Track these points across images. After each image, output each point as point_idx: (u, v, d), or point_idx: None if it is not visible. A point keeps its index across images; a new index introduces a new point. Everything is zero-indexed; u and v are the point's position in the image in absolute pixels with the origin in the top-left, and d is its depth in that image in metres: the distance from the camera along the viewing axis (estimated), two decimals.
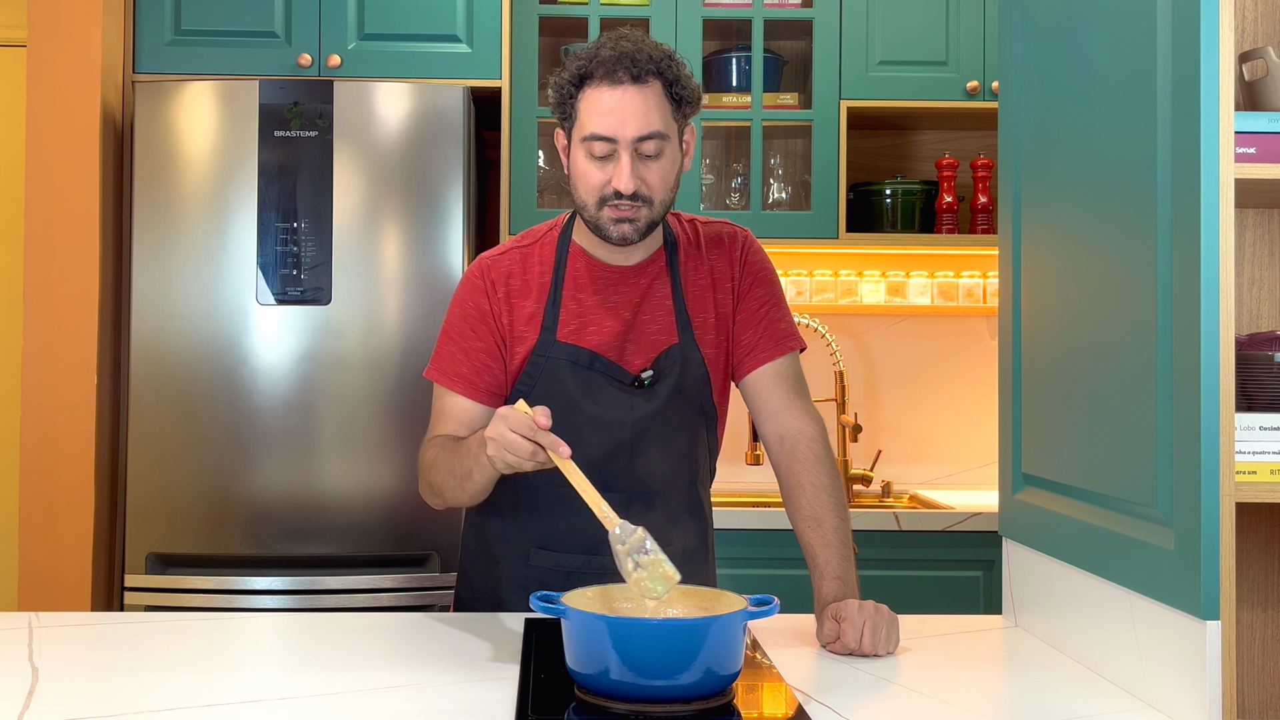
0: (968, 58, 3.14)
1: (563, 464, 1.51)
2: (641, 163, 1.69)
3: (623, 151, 1.68)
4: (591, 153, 1.70)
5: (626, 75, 1.67)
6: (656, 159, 1.70)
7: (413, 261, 2.78)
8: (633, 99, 1.67)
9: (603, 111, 1.68)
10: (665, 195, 1.73)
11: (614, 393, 1.78)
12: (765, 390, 1.83)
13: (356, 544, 2.74)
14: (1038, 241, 1.71)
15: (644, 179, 1.70)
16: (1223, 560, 1.25)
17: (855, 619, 1.54)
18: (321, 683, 1.40)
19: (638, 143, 1.68)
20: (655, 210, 1.73)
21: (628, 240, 1.73)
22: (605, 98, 1.68)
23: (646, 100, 1.68)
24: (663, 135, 1.69)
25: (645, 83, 1.68)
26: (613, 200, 1.70)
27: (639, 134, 1.67)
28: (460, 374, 1.80)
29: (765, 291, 1.86)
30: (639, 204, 1.70)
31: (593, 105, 1.69)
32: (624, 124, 1.67)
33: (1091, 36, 1.53)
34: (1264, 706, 1.67)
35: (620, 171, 1.68)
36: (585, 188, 1.72)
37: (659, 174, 1.71)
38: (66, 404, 2.75)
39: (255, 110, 2.76)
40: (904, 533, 2.84)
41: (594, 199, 1.71)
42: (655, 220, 1.74)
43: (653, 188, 1.71)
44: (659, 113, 1.69)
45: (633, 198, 1.69)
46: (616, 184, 1.68)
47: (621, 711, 1.27)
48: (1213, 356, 1.25)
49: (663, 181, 1.72)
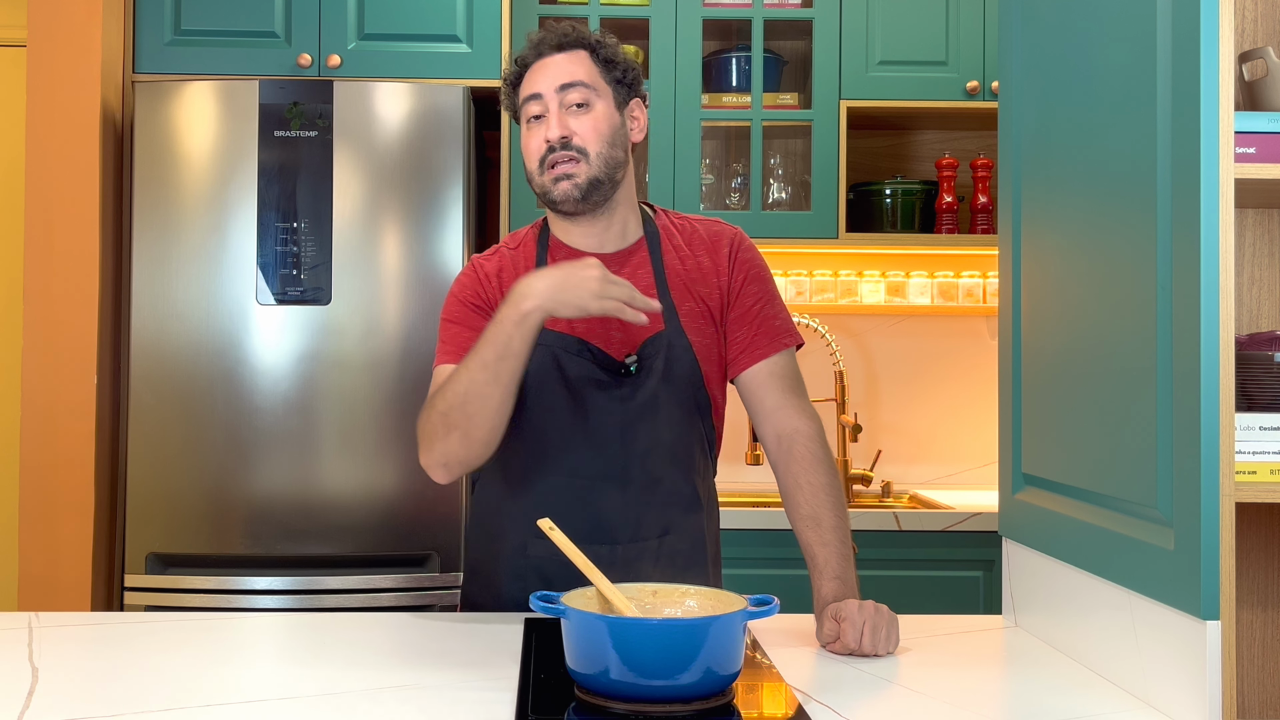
0: (968, 58, 3.14)
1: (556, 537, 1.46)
2: (569, 113, 1.77)
3: (550, 104, 1.77)
4: (527, 117, 1.79)
5: (550, 48, 1.80)
6: (586, 110, 1.77)
7: (413, 261, 2.78)
8: (556, 61, 1.79)
9: (531, 79, 1.80)
10: (600, 148, 1.77)
11: (603, 380, 1.78)
12: (761, 389, 1.83)
13: (356, 544, 2.74)
14: (1038, 241, 1.71)
15: (572, 128, 1.76)
16: (1223, 560, 1.25)
17: (855, 619, 1.54)
18: (321, 683, 1.40)
19: (562, 93, 1.76)
20: (594, 165, 1.76)
21: (570, 198, 1.76)
22: (534, 69, 1.80)
23: (570, 60, 1.79)
24: (586, 85, 1.77)
25: (569, 50, 1.80)
26: (547, 157, 1.76)
27: (561, 82, 1.76)
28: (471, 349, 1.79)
29: (758, 289, 1.86)
30: (574, 155, 1.75)
31: (527, 79, 1.80)
32: (547, 78, 1.77)
33: (1091, 36, 1.53)
34: (1264, 706, 1.67)
35: (548, 121, 1.76)
36: (528, 155, 1.80)
37: (590, 124, 1.77)
38: (66, 404, 2.75)
39: (255, 110, 2.76)
40: (904, 533, 2.84)
41: (535, 164, 1.78)
42: (597, 177, 1.77)
43: (584, 138, 1.76)
44: (583, 68, 1.79)
45: (565, 147, 1.75)
46: (548, 134, 1.75)
47: (621, 711, 1.27)
48: (1213, 356, 1.25)
49: (594, 133, 1.77)
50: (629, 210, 1.85)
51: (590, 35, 1.81)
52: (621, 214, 1.84)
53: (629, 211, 1.85)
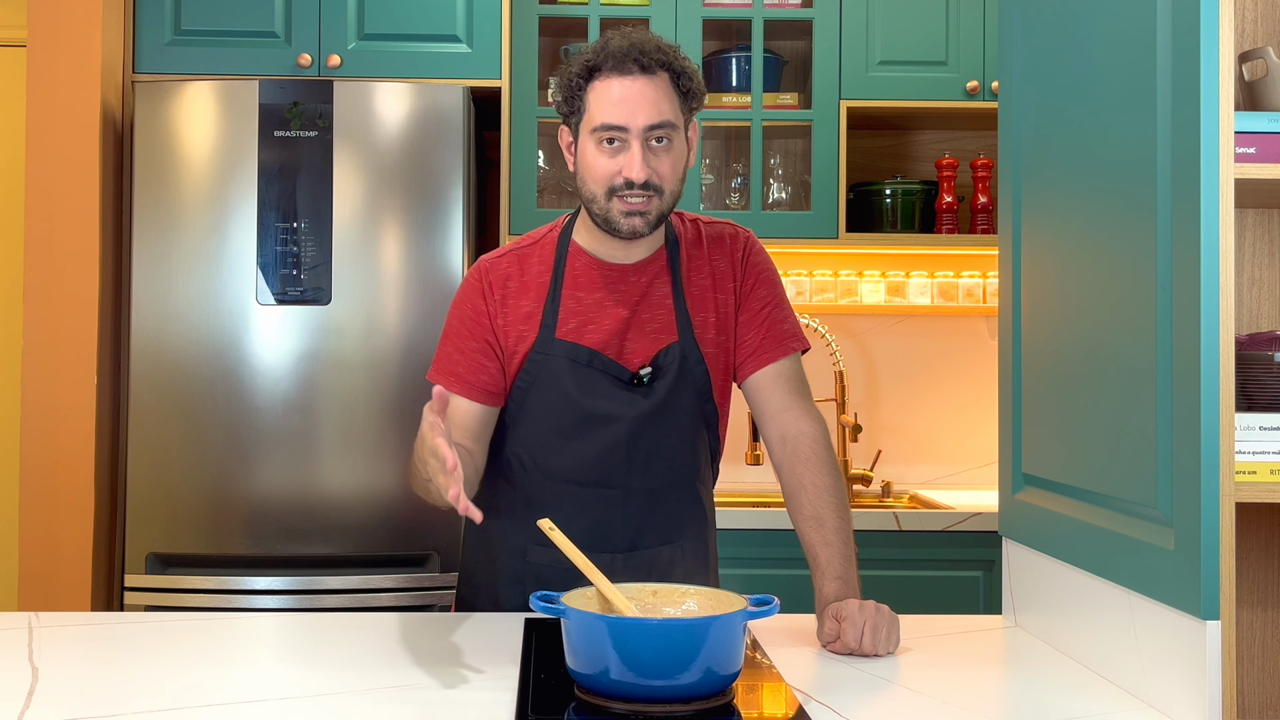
0: (968, 58, 3.14)
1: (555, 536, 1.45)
2: (652, 152, 1.71)
3: (634, 140, 1.69)
4: (602, 143, 1.71)
5: (635, 66, 1.69)
6: (667, 149, 1.72)
7: (413, 261, 2.78)
8: (643, 88, 1.69)
9: (613, 101, 1.69)
10: (675, 186, 1.74)
11: (612, 390, 1.78)
12: (767, 391, 1.83)
13: (356, 544, 2.74)
14: (1038, 241, 1.71)
15: (655, 169, 1.71)
16: (1223, 560, 1.25)
17: (856, 619, 1.54)
18: (321, 683, 1.40)
19: (648, 131, 1.69)
20: (665, 202, 1.74)
21: (638, 233, 1.73)
22: (615, 88, 1.69)
23: (656, 90, 1.70)
24: (672, 125, 1.71)
25: (654, 74, 1.70)
26: (622, 191, 1.71)
27: (650, 123, 1.69)
28: (457, 373, 1.80)
29: (768, 292, 1.86)
30: (650, 194, 1.71)
31: (603, 96, 1.70)
32: (635, 113, 1.69)
33: (1091, 37, 1.53)
34: (1264, 706, 1.67)
35: (632, 160, 1.69)
36: (595, 179, 1.72)
37: (669, 164, 1.72)
38: (66, 404, 2.74)
39: (255, 110, 2.76)
40: (904, 533, 2.84)
41: (603, 190, 1.72)
42: (664, 212, 1.75)
43: (664, 178, 1.72)
44: (669, 103, 1.71)
45: (644, 187, 1.70)
46: (628, 173, 1.69)
47: (621, 711, 1.27)
48: (1213, 356, 1.25)
49: (673, 172, 1.73)
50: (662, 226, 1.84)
51: (674, 58, 1.72)
52: (657, 232, 1.82)
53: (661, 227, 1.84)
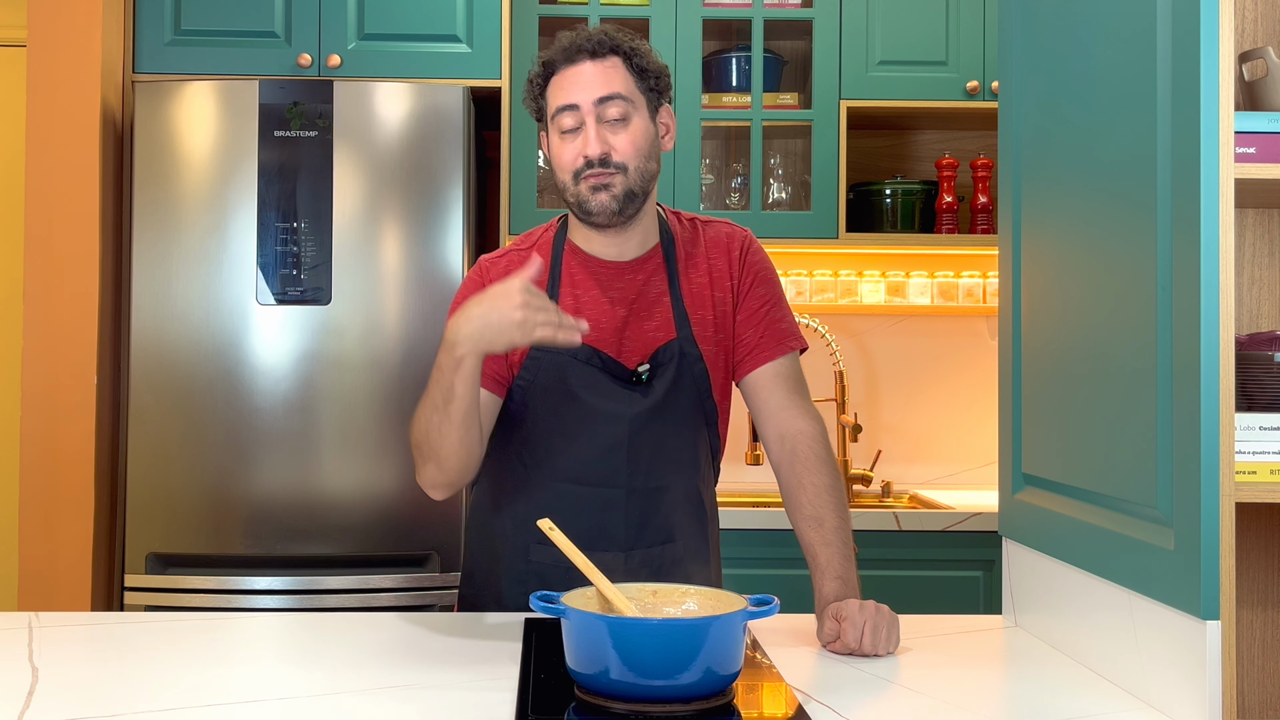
0: (968, 58, 3.14)
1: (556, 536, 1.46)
2: (607, 128, 1.74)
3: (586, 117, 1.73)
4: (561, 129, 1.75)
5: (584, 54, 1.75)
6: (623, 124, 1.74)
7: (413, 261, 2.78)
8: (592, 69, 1.75)
9: (564, 86, 1.75)
10: (638, 163, 1.75)
11: (612, 388, 1.78)
12: (766, 390, 1.83)
13: (356, 544, 2.74)
14: (1038, 241, 1.71)
15: (611, 144, 1.73)
16: (1223, 560, 1.25)
17: (855, 619, 1.54)
18: (321, 683, 1.40)
19: (599, 106, 1.73)
20: (631, 178, 1.74)
21: (608, 210, 1.74)
22: (567, 75, 1.75)
23: (606, 70, 1.75)
24: (624, 98, 1.74)
25: (603, 57, 1.75)
26: (584, 172, 1.73)
27: (599, 95, 1.73)
28: None
29: (766, 291, 1.86)
30: (612, 170, 1.73)
31: (557, 86, 1.76)
32: (584, 89, 1.73)
33: (1091, 36, 1.53)
34: (1264, 706, 1.67)
35: (587, 137, 1.73)
36: (561, 167, 1.76)
37: (628, 139, 1.74)
38: (66, 404, 2.74)
39: (255, 110, 2.76)
40: (904, 533, 2.84)
41: (570, 175, 1.75)
42: (633, 189, 1.75)
43: (622, 153, 1.74)
44: (620, 79, 1.75)
45: (603, 164, 1.72)
46: (584, 150, 1.72)
47: (621, 711, 1.27)
48: (1213, 356, 1.25)
49: (633, 147, 1.74)
50: (650, 218, 1.84)
51: (624, 41, 1.76)
52: (645, 223, 1.82)
53: (650, 219, 1.84)
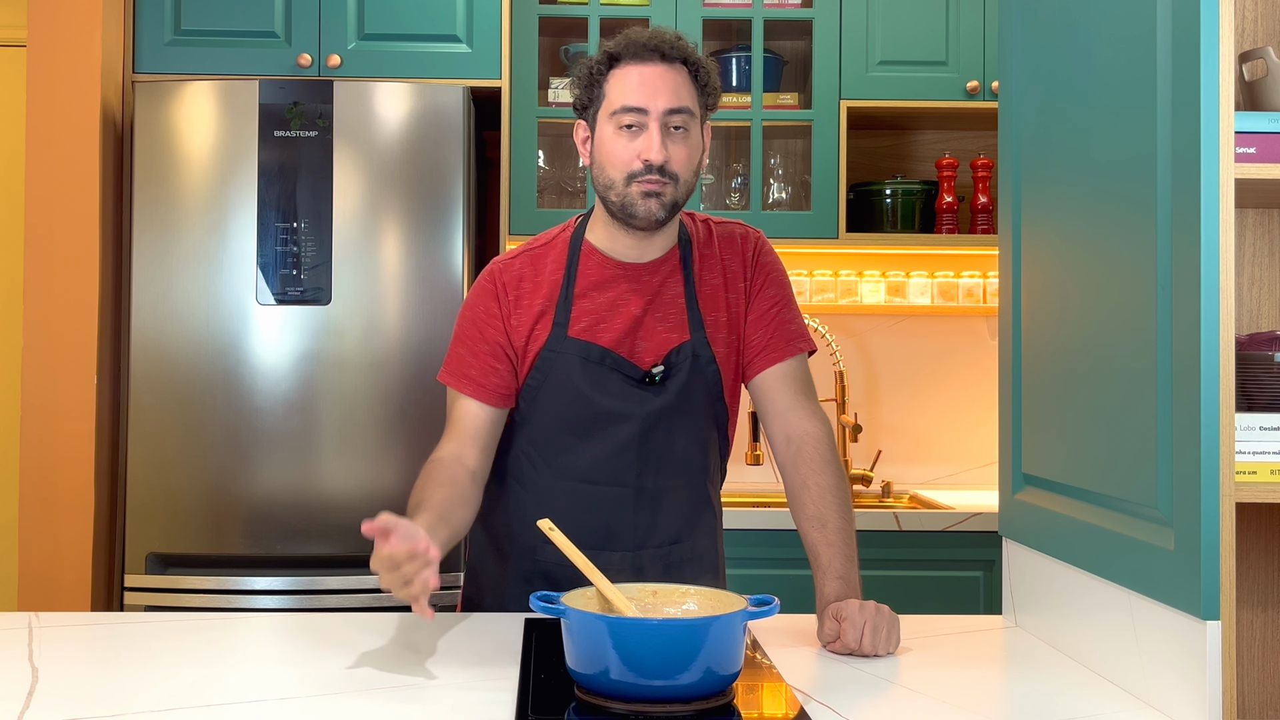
0: (968, 58, 3.14)
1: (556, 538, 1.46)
2: (669, 138, 1.72)
3: (652, 123, 1.71)
4: (621, 126, 1.72)
5: (656, 55, 1.73)
6: (684, 137, 1.73)
7: (413, 261, 2.78)
8: (663, 74, 1.72)
9: (634, 85, 1.72)
10: (689, 177, 1.75)
11: (624, 388, 1.78)
12: (773, 391, 1.83)
13: (356, 544, 2.74)
14: (1038, 241, 1.71)
15: (671, 154, 1.72)
16: (1223, 560, 1.25)
17: (856, 619, 1.54)
18: (321, 683, 1.40)
19: (667, 116, 1.71)
20: (679, 190, 1.74)
21: (654, 217, 1.73)
22: (635, 74, 1.73)
23: (676, 78, 1.73)
24: (690, 113, 1.73)
25: (673, 63, 1.73)
26: (641, 175, 1.71)
27: (669, 106, 1.71)
28: (469, 376, 1.80)
29: (776, 292, 1.87)
30: (666, 180, 1.72)
31: (623, 82, 1.73)
32: (655, 96, 1.71)
33: (1091, 36, 1.53)
34: (1264, 706, 1.67)
35: (650, 142, 1.71)
36: (614, 164, 1.73)
37: (685, 153, 1.74)
38: (66, 404, 2.74)
39: (255, 110, 2.76)
40: (904, 533, 2.84)
41: (622, 175, 1.73)
42: (679, 201, 1.75)
43: (678, 164, 1.73)
44: (687, 92, 1.74)
45: (661, 172, 1.71)
46: (646, 155, 1.70)
47: (621, 711, 1.27)
48: (1213, 356, 1.25)
49: (688, 161, 1.74)
50: (674, 221, 1.84)
51: (692, 51, 1.76)
52: (670, 228, 1.82)
53: (674, 223, 1.83)
